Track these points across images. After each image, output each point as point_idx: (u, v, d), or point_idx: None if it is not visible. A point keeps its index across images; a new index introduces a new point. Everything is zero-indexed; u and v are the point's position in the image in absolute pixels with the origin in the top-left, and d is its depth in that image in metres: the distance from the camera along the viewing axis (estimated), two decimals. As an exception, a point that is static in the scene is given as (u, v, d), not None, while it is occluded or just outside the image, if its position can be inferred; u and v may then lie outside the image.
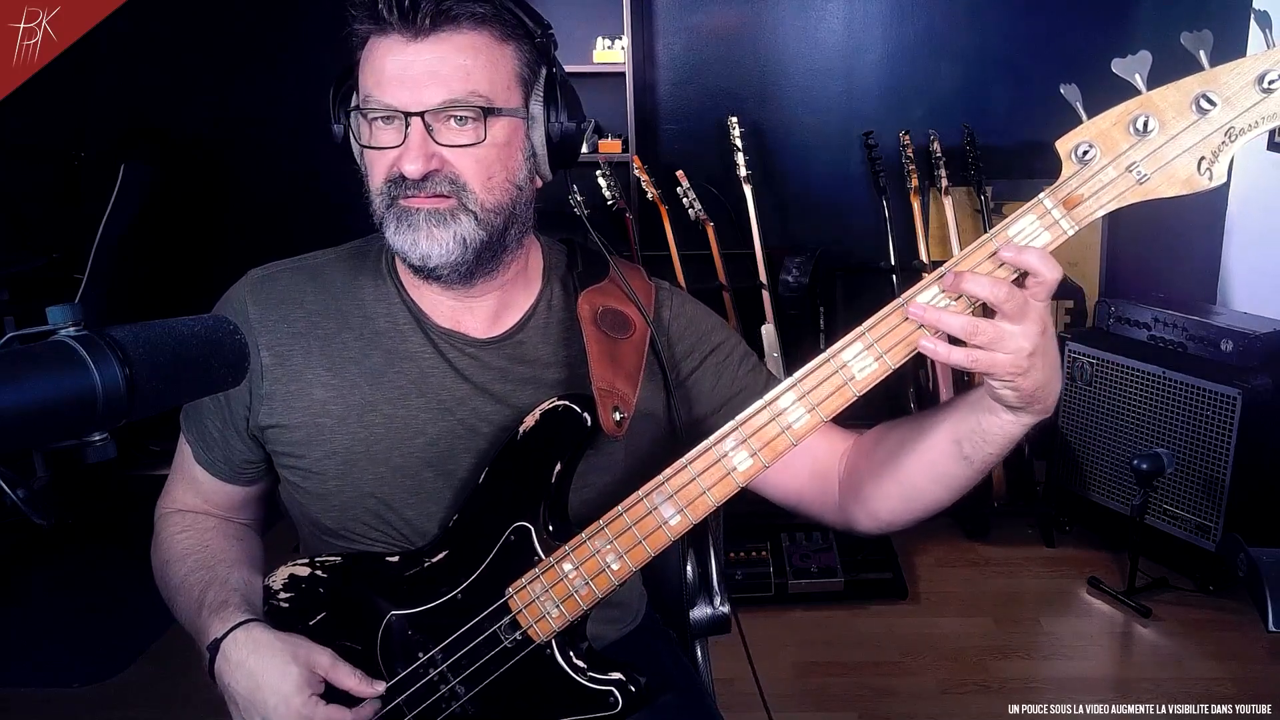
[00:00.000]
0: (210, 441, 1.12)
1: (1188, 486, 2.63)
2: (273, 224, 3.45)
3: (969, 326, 0.82)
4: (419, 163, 0.94)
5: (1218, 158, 0.78)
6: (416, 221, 0.97)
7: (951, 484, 1.02)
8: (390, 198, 0.98)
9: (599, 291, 1.09)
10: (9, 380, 0.53)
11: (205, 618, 1.04)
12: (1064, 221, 0.82)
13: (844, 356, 0.87)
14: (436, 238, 0.97)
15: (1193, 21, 0.76)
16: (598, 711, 1.00)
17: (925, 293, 0.85)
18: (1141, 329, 2.80)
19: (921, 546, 2.92)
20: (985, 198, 3.13)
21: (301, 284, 1.09)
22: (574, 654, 1.00)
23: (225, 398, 1.08)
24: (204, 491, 1.17)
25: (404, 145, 0.95)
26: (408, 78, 0.94)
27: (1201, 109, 0.78)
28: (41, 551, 2.96)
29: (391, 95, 0.94)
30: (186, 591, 1.09)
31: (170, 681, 2.37)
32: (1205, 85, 0.78)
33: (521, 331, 1.09)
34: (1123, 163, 0.80)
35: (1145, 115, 0.79)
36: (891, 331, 0.86)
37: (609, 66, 3.18)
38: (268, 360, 1.06)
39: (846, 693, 2.31)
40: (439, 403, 1.06)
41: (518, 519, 0.99)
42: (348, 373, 1.06)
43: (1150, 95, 0.79)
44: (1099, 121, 0.80)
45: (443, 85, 0.94)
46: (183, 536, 1.15)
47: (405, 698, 1.02)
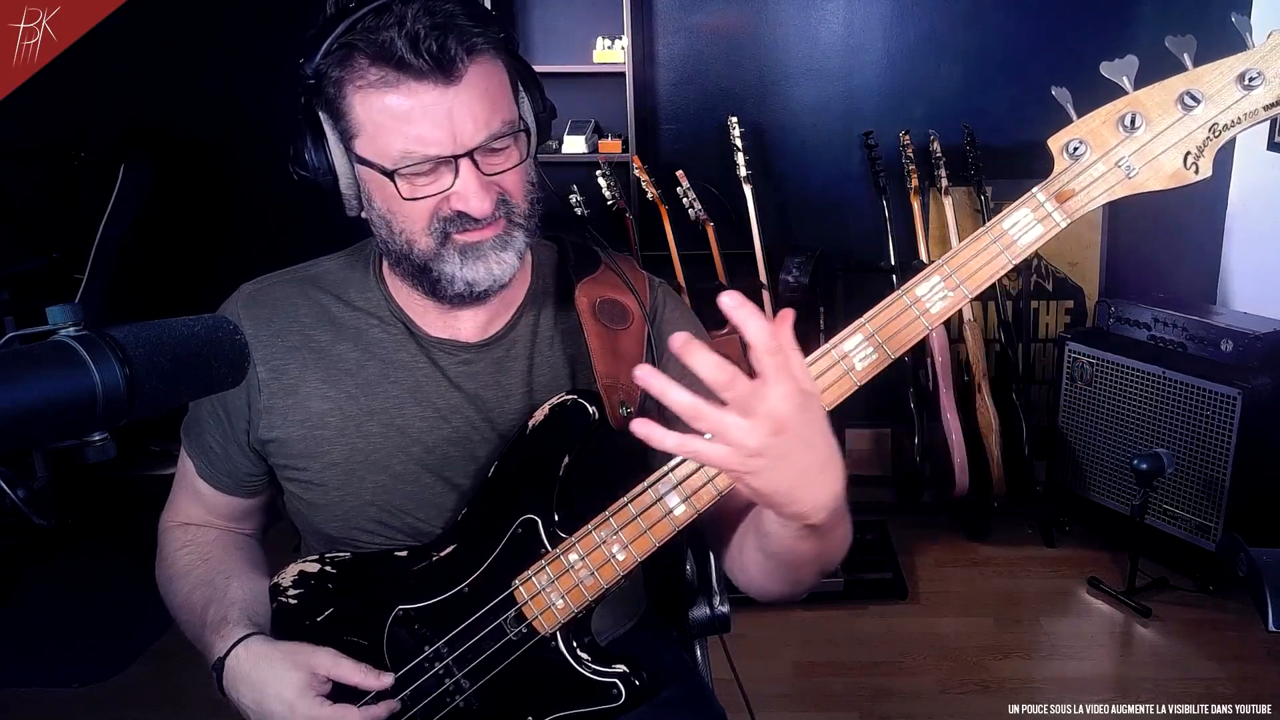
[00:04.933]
0: (212, 457, 1.13)
1: (1188, 486, 2.63)
2: (272, 224, 3.45)
3: (687, 407, 0.70)
4: (486, 202, 0.95)
5: (1203, 152, 0.81)
6: (484, 252, 0.98)
7: (763, 571, 0.96)
8: (444, 235, 0.97)
9: (595, 282, 1.11)
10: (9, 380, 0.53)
11: (209, 637, 1.06)
12: (1056, 214, 0.85)
13: (845, 347, 0.86)
14: (505, 261, 0.99)
15: (1192, 21, 0.77)
16: (601, 704, 1.00)
17: (923, 284, 0.85)
18: (1141, 329, 2.80)
19: (921, 546, 2.92)
20: (985, 198, 3.13)
21: (294, 296, 1.09)
22: (578, 646, 1.01)
23: (225, 413, 1.09)
24: (208, 504, 1.18)
25: (456, 187, 0.94)
26: (449, 123, 0.92)
27: (1186, 106, 0.81)
28: (41, 551, 2.96)
29: (435, 146, 0.92)
30: (190, 610, 1.11)
31: (170, 681, 2.37)
32: (1190, 84, 0.81)
33: (513, 331, 1.10)
34: (1112, 158, 0.83)
35: (1133, 113, 0.82)
36: (891, 322, 0.85)
37: (609, 66, 3.18)
38: (264, 374, 1.06)
39: (846, 693, 2.31)
40: (435, 410, 1.07)
41: (525, 512, 1.00)
42: (344, 384, 1.07)
43: (1137, 94, 0.83)
44: (1089, 120, 0.84)
45: (481, 122, 0.93)
46: (184, 553, 1.16)
47: (409, 692, 1.02)
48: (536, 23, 3.32)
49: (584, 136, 3.20)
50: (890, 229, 3.10)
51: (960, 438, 2.92)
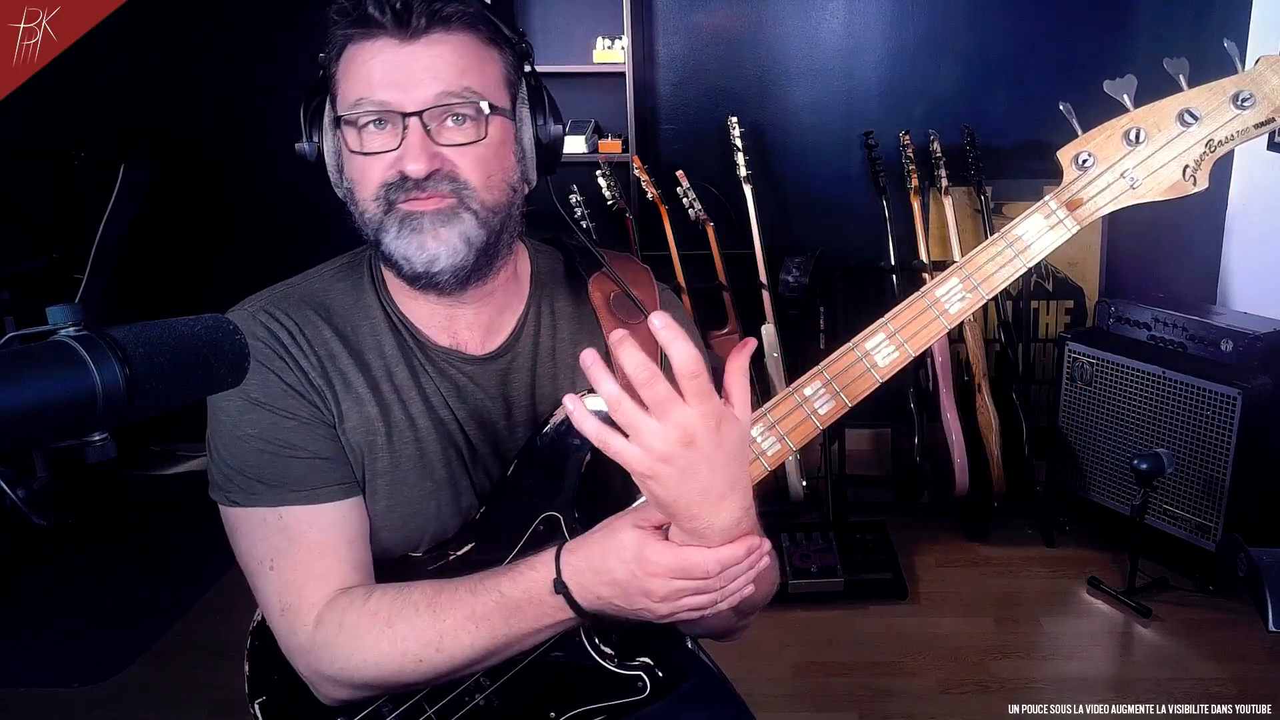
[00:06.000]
0: (328, 463, 1.00)
1: (1188, 486, 2.63)
2: (272, 224, 3.46)
3: (611, 397, 0.75)
4: (422, 161, 0.93)
5: (1200, 165, 0.89)
6: (421, 224, 0.95)
7: None
8: (388, 203, 0.96)
9: (606, 276, 1.09)
10: (9, 380, 0.53)
11: (510, 591, 0.92)
12: (1067, 221, 0.91)
13: (867, 345, 0.93)
14: (442, 238, 0.95)
15: (1192, 21, 0.79)
16: (625, 697, 1.00)
17: (942, 286, 0.92)
18: (1141, 329, 2.80)
19: (921, 546, 2.92)
20: (985, 198, 3.13)
21: (312, 307, 1.05)
22: (601, 641, 1.00)
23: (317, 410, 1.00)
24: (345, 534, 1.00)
25: (402, 146, 0.93)
26: (402, 77, 0.93)
27: (1185, 123, 0.89)
28: (41, 551, 2.96)
29: (386, 95, 0.93)
30: (442, 616, 0.94)
31: (170, 681, 2.38)
32: (1188, 102, 0.89)
33: (517, 343, 1.09)
34: (1117, 170, 0.91)
35: (1137, 128, 0.90)
36: (912, 322, 0.92)
37: (609, 66, 3.18)
38: (318, 381, 1.01)
39: (846, 693, 2.31)
40: (439, 422, 1.05)
41: (547, 510, 1.00)
42: (383, 388, 1.04)
43: (1140, 111, 0.90)
44: (1097, 133, 0.91)
45: (439, 81, 0.93)
46: (377, 596, 0.97)
47: (426, 693, 1.01)
48: (537, 23, 3.32)
49: (584, 136, 3.20)
50: (890, 229, 3.10)
51: (960, 438, 2.92)
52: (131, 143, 3.28)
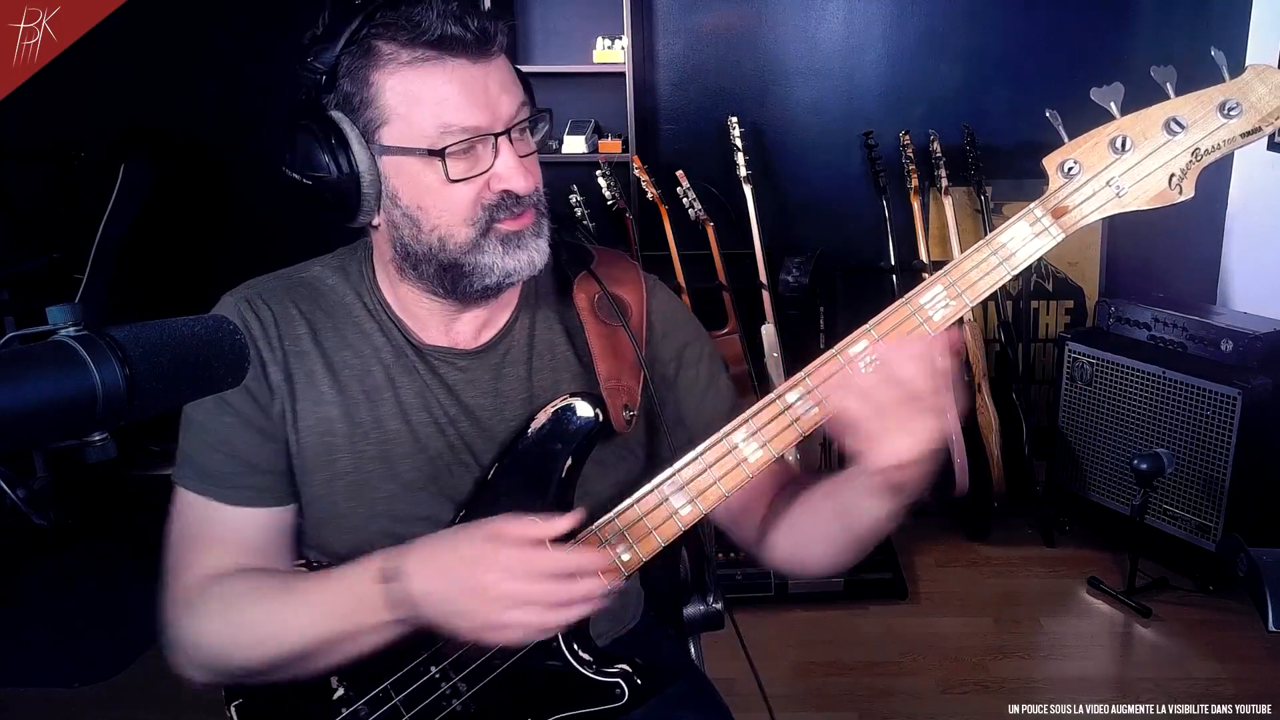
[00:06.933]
0: (248, 467, 1.02)
1: (1188, 486, 2.63)
2: (272, 223, 3.44)
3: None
4: (528, 179, 0.93)
5: (1186, 174, 0.89)
6: (524, 241, 0.96)
7: (834, 545, 1.02)
8: (487, 224, 0.94)
9: (591, 277, 1.09)
10: (9, 380, 0.53)
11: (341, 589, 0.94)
12: (1052, 229, 0.90)
13: (851, 353, 0.91)
14: (541, 249, 0.98)
15: (1192, 21, 0.79)
16: (604, 704, 1.00)
17: (926, 294, 0.91)
18: (1141, 329, 2.80)
19: (921, 546, 2.92)
20: (985, 198, 3.13)
21: (290, 301, 1.05)
22: (579, 647, 1.00)
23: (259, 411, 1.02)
24: (237, 541, 1.02)
25: (497, 168, 0.92)
26: (484, 97, 0.91)
27: (1172, 131, 0.88)
28: (41, 551, 2.96)
29: (474, 118, 0.90)
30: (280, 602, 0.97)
31: (170, 681, 2.35)
32: (1175, 111, 0.88)
33: (509, 336, 1.08)
34: (1103, 178, 0.90)
35: (1123, 135, 0.89)
36: (896, 329, 0.91)
37: (609, 66, 3.18)
38: (276, 378, 1.02)
39: (846, 693, 2.31)
40: (434, 418, 1.05)
41: (527, 514, 0.99)
42: (351, 389, 1.03)
43: (1126, 119, 0.89)
44: (1082, 141, 0.90)
45: (512, 97, 0.94)
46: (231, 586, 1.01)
47: (403, 697, 1.01)
48: (537, 23, 3.32)
49: (584, 136, 3.20)
50: (890, 229, 3.10)
51: (960, 438, 2.92)
52: (132, 142, 3.29)
